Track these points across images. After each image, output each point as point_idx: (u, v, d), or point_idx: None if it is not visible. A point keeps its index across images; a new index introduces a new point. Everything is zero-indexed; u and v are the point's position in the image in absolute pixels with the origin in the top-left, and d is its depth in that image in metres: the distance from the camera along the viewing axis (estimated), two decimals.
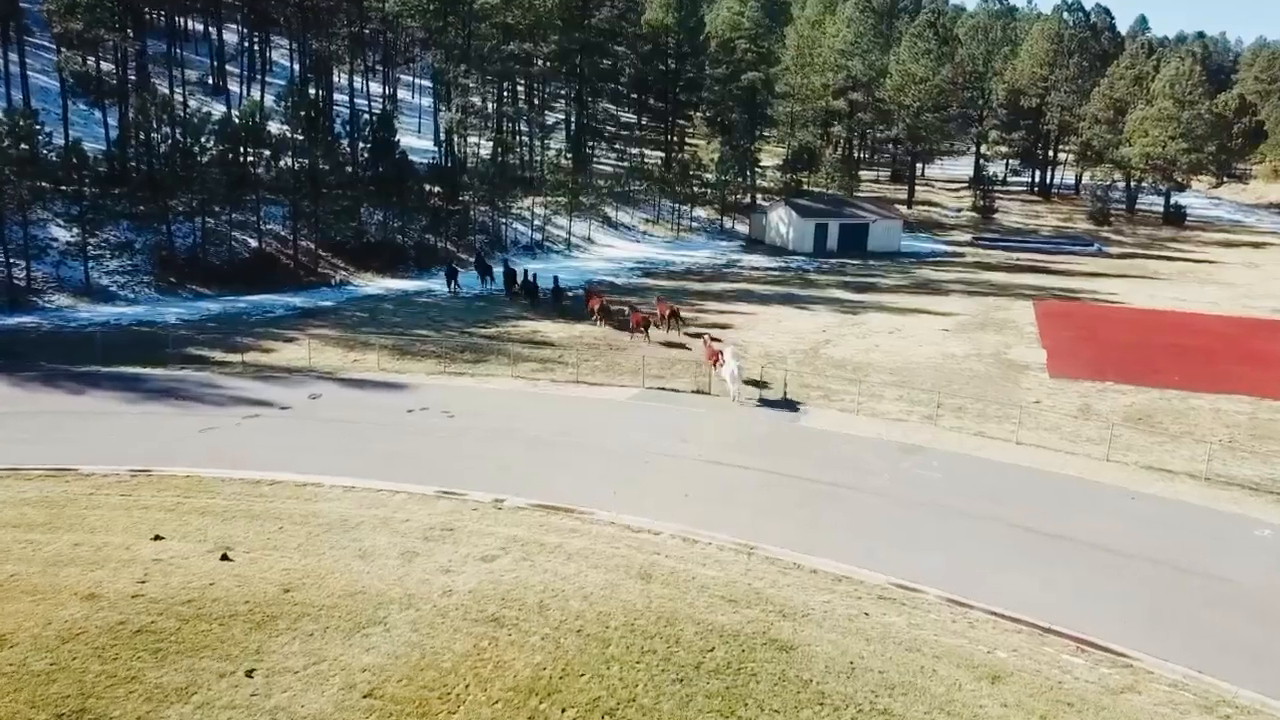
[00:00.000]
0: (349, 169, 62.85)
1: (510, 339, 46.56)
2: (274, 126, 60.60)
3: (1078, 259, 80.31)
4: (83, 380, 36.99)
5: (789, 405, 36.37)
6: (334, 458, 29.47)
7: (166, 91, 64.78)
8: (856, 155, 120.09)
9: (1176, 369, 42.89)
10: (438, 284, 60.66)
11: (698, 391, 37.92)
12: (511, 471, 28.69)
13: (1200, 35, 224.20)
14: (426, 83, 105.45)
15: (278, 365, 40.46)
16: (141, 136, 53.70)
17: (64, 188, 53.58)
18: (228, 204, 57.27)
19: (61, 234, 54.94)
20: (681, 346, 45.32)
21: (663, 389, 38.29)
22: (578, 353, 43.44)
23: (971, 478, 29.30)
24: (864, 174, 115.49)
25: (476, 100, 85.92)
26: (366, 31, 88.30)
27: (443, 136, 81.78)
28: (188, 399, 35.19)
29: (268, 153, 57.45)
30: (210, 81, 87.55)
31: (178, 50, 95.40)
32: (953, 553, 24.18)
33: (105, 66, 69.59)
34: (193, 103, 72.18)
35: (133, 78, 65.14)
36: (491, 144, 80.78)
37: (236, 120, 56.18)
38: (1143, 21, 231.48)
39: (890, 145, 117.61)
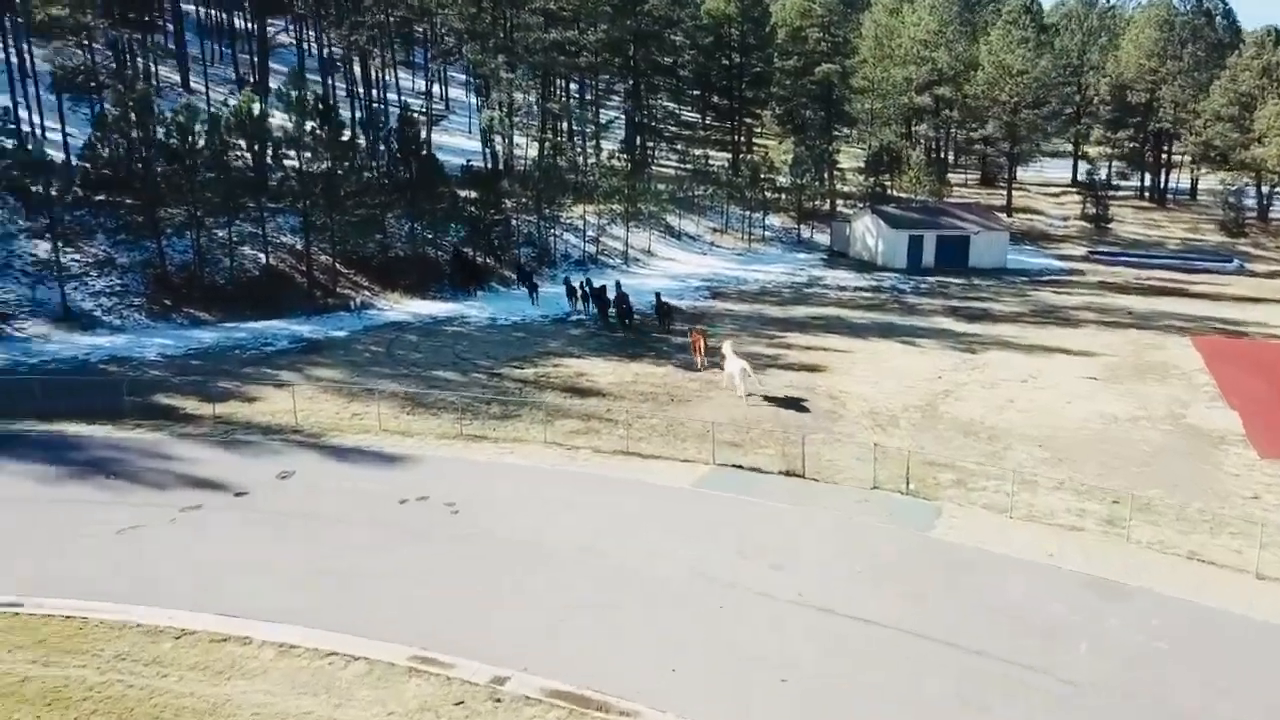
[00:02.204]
0: (368, 174, 54.50)
1: (549, 384, 37.79)
2: (286, 124, 52.49)
3: (1220, 278, 69.15)
4: (1, 446, 29.01)
5: (915, 500, 26.92)
6: (279, 588, 20.86)
7: (148, 84, 57.23)
8: (944, 156, 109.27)
9: None
10: (473, 308, 52.23)
11: (789, 473, 28.63)
12: (522, 620, 19.77)
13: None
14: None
15: (255, 423, 32.14)
16: (118, 136, 45.90)
17: (37, 190, 45.99)
18: (227, 214, 49.31)
19: (44, 249, 47.49)
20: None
21: (740, 466, 29.09)
22: (631, 406, 34.51)
23: (1215, 652, 19.48)
24: (951, 177, 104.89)
25: (520, 96, 77.47)
26: (394, 20, 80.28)
27: (488, 137, 73.63)
28: (122, 476, 26.96)
29: (269, 154, 49.27)
30: (252, 79, 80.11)
31: (219, 46, 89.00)
32: None
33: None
34: (233, 101, 64.77)
35: (129, 72, 57.85)
36: (538, 145, 72.45)
37: (231, 116, 48.17)
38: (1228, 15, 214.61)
39: (980, 145, 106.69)
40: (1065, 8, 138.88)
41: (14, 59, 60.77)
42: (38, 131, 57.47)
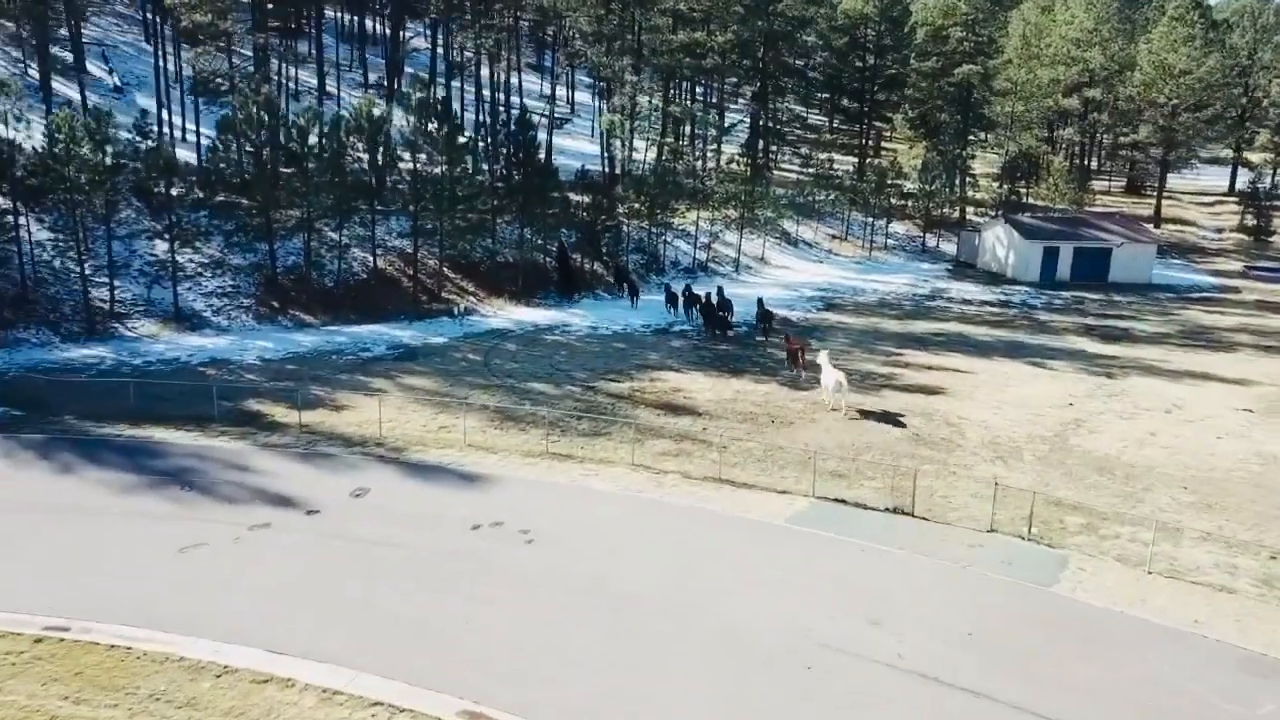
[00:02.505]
0: (481, 177, 53.83)
1: (644, 400, 35.97)
2: (405, 127, 52.11)
3: None
4: (86, 449, 28.89)
5: (1037, 548, 23.98)
6: (335, 619, 19.62)
7: (276, 88, 57.94)
8: (1086, 163, 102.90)
9: None
10: (576, 315, 50.93)
11: (897, 510, 26.04)
12: (582, 674, 17.95)
13: None
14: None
15: (340, 433, 31.35)
16: (240, 139, 46.27)
17: (159, 191, 46.66)
18: (340, 216, 49.25)
19: (164, 249, 48.29)
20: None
21: (842, 501, 26.65)
22: (727, 427, 32.41)
23: None
24: (1094, 184, 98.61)
25: (645, 100, 75.99)
26: (525, 23, 79.80)
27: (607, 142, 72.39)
28: (196, 488, 26.34)
29: (386, 157, 48.95)
30: (387, 83, 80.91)
31: (356, 50, 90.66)
32: None
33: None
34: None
35: (258, 76, 58.72)
36: (656, 149, 70.82)
37: (350, 119, 48.05)
38: None
39: (1127, 151, 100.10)
40: (1238, 3, 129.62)
41: (162, 64, 62.53)
42: (176, 134, 59.14)
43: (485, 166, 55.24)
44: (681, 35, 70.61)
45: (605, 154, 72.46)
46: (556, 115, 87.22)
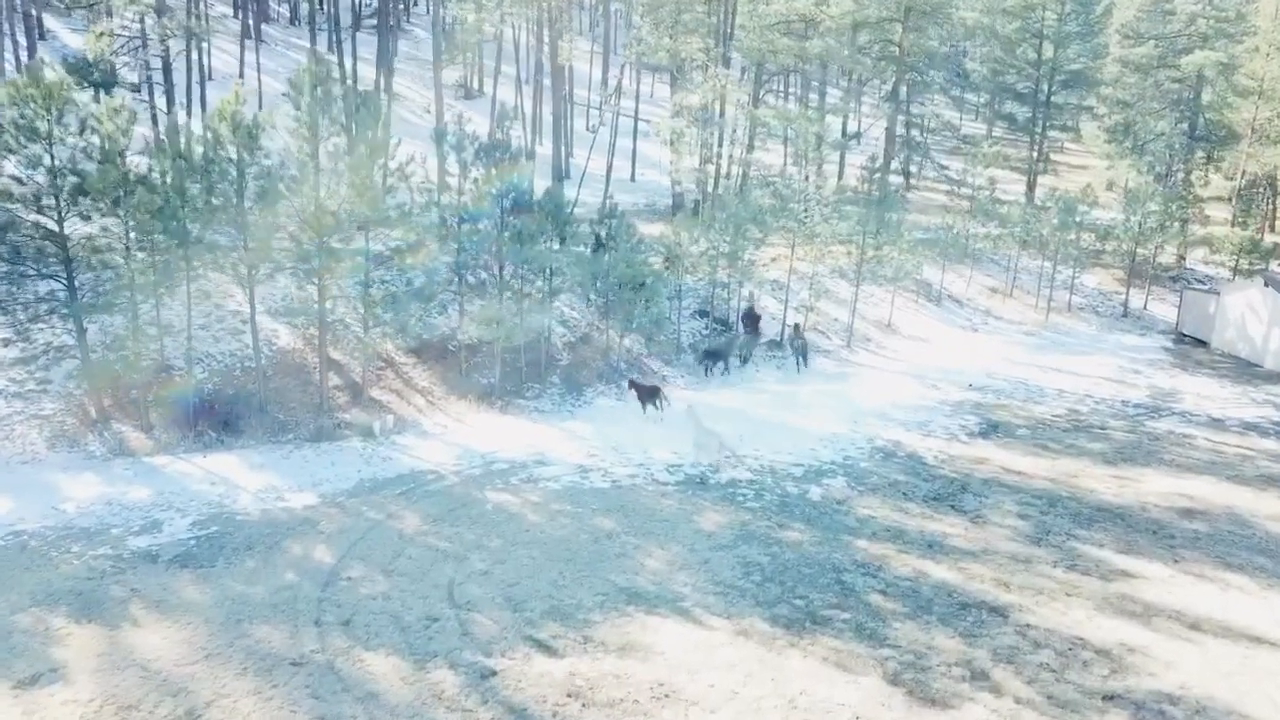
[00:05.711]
0: (432, 211, 34.95)
1: None
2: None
3: None
4: None
5: None
6: None
7: None
8: None
9: None
10: (571, 435, 31.67)
11: None
12: None
13: None
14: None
15: None
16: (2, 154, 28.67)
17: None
18: (163, 273, 30.94)
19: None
20: None
21: None
22: None
23: None
24: None
25: (739, 99, 55.97)
26: None
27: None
28: None
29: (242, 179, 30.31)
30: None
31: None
32: None
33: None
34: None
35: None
36: (741, 168, 50.86)
37: (205, 123, 29.78)
38: None
39: None
40: None
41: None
42: None
43: (456, 194, 35.85)
44: (778, 5, 49.86)
45: (673, 174, 52.94)
46: (641, 119, 68.15)
